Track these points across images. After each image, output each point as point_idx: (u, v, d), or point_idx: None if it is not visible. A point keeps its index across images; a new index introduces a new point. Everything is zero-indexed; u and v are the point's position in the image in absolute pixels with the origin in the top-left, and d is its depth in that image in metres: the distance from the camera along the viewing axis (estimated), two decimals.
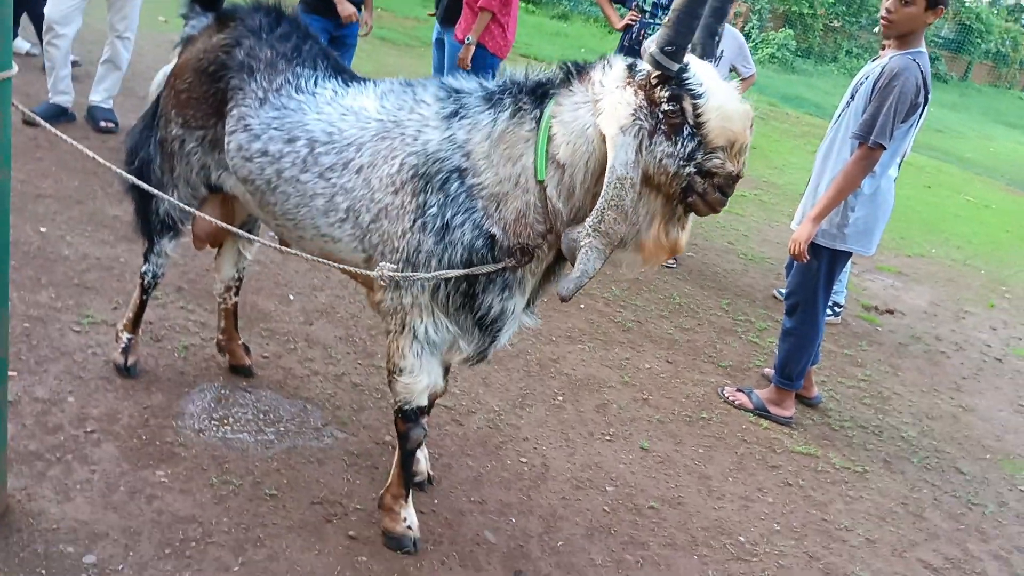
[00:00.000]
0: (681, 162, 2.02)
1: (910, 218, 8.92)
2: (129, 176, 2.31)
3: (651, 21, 5.47)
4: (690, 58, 2.02)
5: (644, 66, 2.05)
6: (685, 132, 2.00)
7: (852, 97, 3.71)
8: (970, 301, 6.80)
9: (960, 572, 3.27)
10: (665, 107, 2.00)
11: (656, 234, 2.12)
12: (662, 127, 2.01)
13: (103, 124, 5.26)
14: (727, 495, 3.36)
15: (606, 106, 2.07)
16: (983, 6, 28.83)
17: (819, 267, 3.81)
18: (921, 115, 3.66)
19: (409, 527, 2.59)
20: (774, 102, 13.89)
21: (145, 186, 2.33)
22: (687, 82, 1.98)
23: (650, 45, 2.00)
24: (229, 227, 2.39)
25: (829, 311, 5.44)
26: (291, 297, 3.94)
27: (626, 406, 3.80)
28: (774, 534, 3.19)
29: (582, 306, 4.68)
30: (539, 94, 2.21)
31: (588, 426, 3.56)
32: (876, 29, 3.67)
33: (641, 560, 2.85)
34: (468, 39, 5.48)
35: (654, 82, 2.01)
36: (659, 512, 3.13)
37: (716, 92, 1.99)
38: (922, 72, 3.51)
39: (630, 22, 5.57)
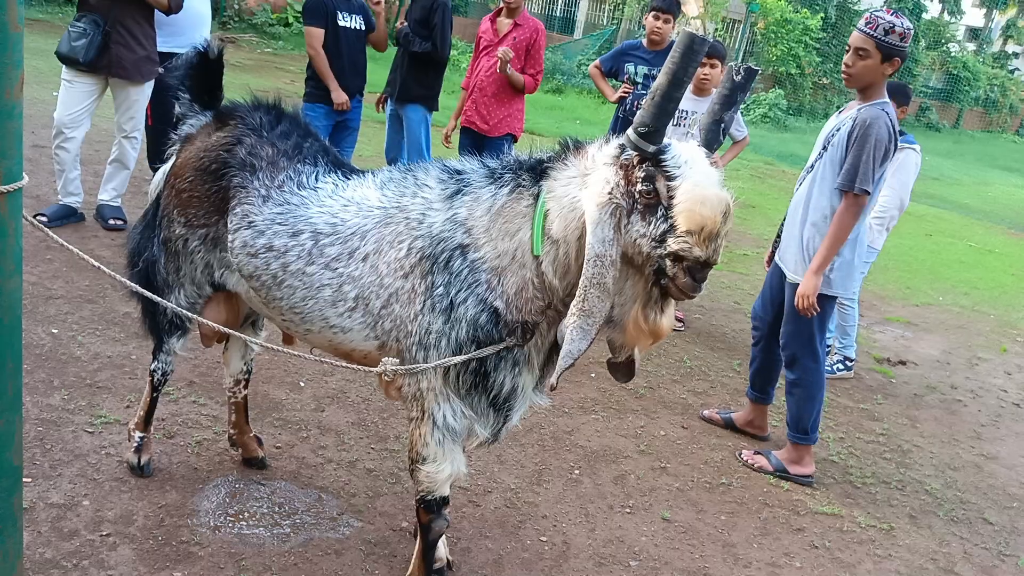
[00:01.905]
0: (653, 243, 2.01)
1: (914, 267, 8.94)
2: (133, 285, 2.35)
3: (644, 92, 5.59)
4: (673, 141, 2.05)
5: None
6: (659, 213, 2.01)
7: (825, 148, 3.80)
8: (982, 347, 6.76)
9: None
10: (639, 187, 2.02)
11: (635, 317, 2.11)
12: (638, 207, 2.03)
13: (112, 222, 5.35)
14: (753, 562, 3.29)
15: (591, 182, 2.10)
16: (969, 55, 29.41)
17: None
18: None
19: None
20: (770, 160, 14.06)
21: (147, 293, 2.37)
22: (664, 163, 2.00)
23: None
24: (231, 331, 2.42)
25: (841, 366, 5.42)
26: (302, 384, 3.94)
27: (644, 476, 3.76)
28: None
29: (593, 375, 4.66)
30: (539, 171, 2.25)
31: (607, 499, 3.51)
32: None
33: None
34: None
35: (635, 162, 2.03)
36: None
37: (692, 175, 1.99)
38: (890, 120, 3.64)
39: (623, 94, 5.70)
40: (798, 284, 3.77)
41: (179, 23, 5.29)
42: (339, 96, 5.56)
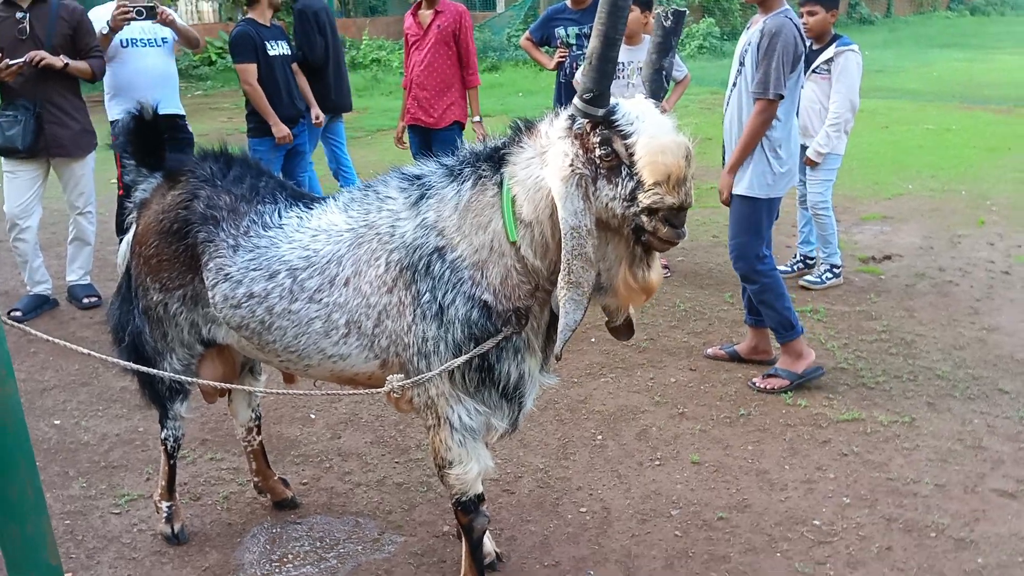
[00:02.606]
0: (625, 203, 2.02)
1: (877, 162, 9.00)
2: (123, 362, 2.34)
3: (580, 53, 5.58)
4: (621, 99, 2.05)
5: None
6: (623, 173, 2.02)
7: (742, 63, 3.96)
8: (960, 224, 6.84)
9: None
10: (598, 152, 2.02)
11: (624, 277, 2.13)
12: (601, 171, 2.04)
13: (86, 300, 5.30)
14: (789, 484, 3.34)
15: (549, 158, 2.11)
16: None
17: (758, 220, 4.03)
18: (805, 66, 4.02)
19: None
20: (715, 90, 14.03)
21: (140, 368, 2.37)
22: (616, 123, 2.00)
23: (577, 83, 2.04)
24: (231, 386, 2.42)
25: (830, 274, 5.48)
26: (312, 416, 3.94)
27: (665, 426, 3.80)
28: (846, 508, 3.18)
29: (593, 340, 4.69)
30: (496, 159, 2.25)
31: (635, 456, 3.55)
32: None
33: (727, 574, 2.83)
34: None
35: (588, 128, 2.04)
36: (729, 521, 3.11)
37: (646, 128, 1.99)
38: (796, 26, 3.81)
39: (560, 59, 5.69)
40: (742, 197, 4.00)
41: (137, 86, 5.11)
42: (280, 131, 5.55)
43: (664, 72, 2.19)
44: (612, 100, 2.03)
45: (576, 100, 2.03)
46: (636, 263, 2.12)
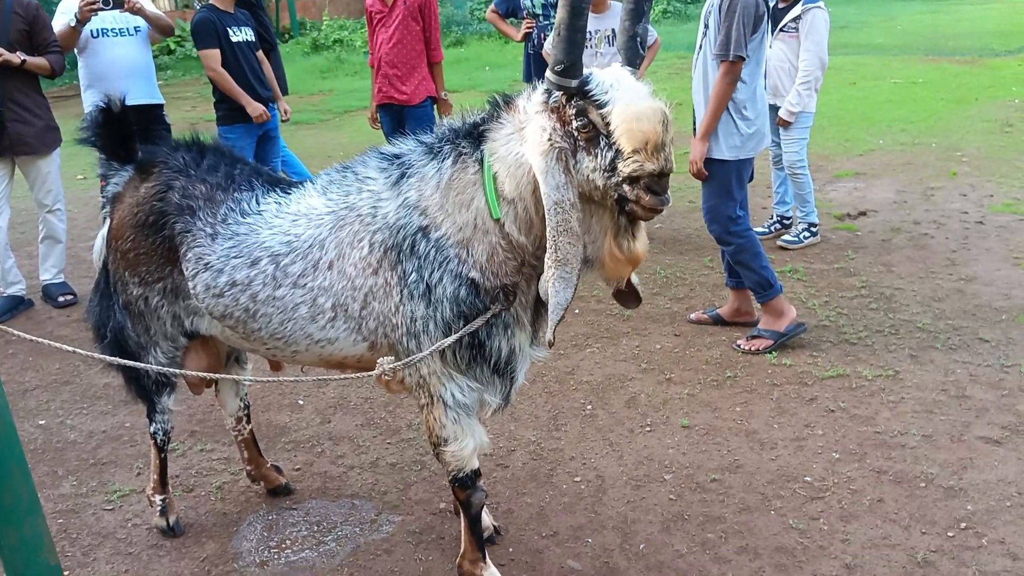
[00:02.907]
0: (606, 174, 2.00)
1: (847, 119, 9.04)
2: (108, 358, 2.32)
3: (547, 23, 5.54)
4: (594, 69, 2.03)
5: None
6: (601, 143, 1.99)
7: (707, 26, 3.97)
8: (932, 177, 6.90)
9: (1020, 435, 3.31)
10: (575, 124, 2.00)
11: (609, 249, 2.11)
12: (580, 144, 2.02)
13: (61, 299, 5.23)
14: (779, 442, 3.38)
15: (527, 134, 2.09)
16: None
17: (728, 182, 4.05)
18: (768, 27, 4.02)
19: None
20: (682, 54, 14.01)
21: (125, 362, 2.34)
22: (591, 94, 1.97)
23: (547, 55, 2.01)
24: (218, 375, 2.40)
25: (807, 233, 5.51)
26: (300, 402, 3.93)
27: (653, 392, 3.82)
28: (836, 463, 3.22)
29: (577, 311, 4.70)
30: (476, 135, 2.23)
31: (625, 424, 3.57)
32: None
33: (723, 534, 2.86)
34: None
35: (564, 101, 2.01)
36: (722, 482, 3.14)
37: (621, 96, 1.96)
38: None
39: (528, 30, 5.64)
40: (710, 160, 4.02)
41: (111, 76, 5.06)
42: (256, 109, 5.41)
43: (639, 39, 2.16)
44: (585, 70, 2.01)
45: (548, 73, 2.01)
46: (621, 234, 2.11)
